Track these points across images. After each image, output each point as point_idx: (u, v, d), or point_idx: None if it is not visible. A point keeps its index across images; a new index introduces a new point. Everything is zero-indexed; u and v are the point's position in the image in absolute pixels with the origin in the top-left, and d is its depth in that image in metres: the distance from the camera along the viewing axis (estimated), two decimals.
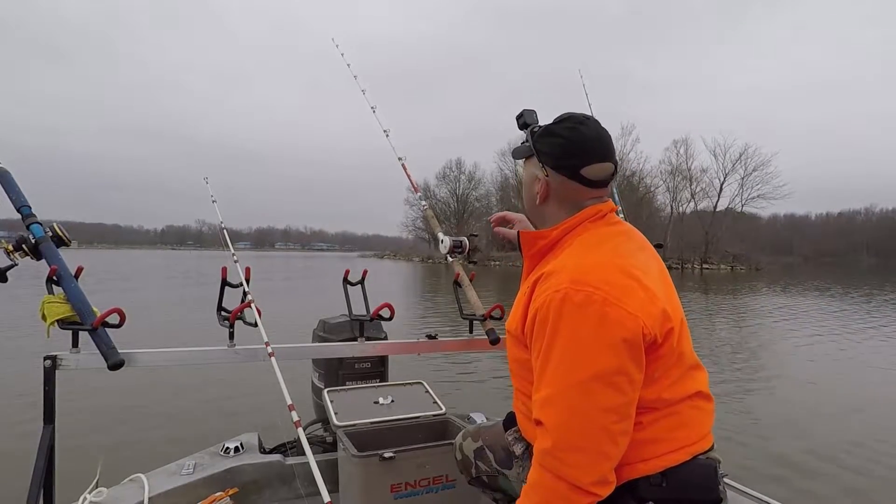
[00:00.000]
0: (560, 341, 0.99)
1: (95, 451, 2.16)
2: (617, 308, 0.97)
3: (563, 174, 1.14)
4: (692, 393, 1.11)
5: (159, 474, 1.97)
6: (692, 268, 50.02)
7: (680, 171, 56.85)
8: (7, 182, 1.60)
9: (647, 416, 1.05)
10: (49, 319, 1.46)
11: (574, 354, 0.97)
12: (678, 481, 1.05)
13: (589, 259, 1.07)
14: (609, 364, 0.95)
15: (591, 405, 0.95)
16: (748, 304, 17.05)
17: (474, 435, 1.49)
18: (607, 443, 0.96)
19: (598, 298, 0.97)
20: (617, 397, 0.96)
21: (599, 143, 1.14)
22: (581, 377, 0.96)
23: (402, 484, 1.76)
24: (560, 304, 0.99)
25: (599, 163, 1.13)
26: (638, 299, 1.00)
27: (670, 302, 1.09)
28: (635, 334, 0.97)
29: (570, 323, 0.98)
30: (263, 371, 1.71)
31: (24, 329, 8.97)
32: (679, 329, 1.07)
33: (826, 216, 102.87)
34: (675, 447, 1.06)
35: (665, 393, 1.06)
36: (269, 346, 1.73)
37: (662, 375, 1.05)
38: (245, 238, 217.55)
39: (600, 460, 0.96)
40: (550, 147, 1.16)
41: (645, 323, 0.98)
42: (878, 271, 46.38)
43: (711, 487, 1.07)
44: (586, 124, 1.15)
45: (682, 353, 1.08)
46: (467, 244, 2.04)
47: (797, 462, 4.16)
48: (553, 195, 1.18)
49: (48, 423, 1.46)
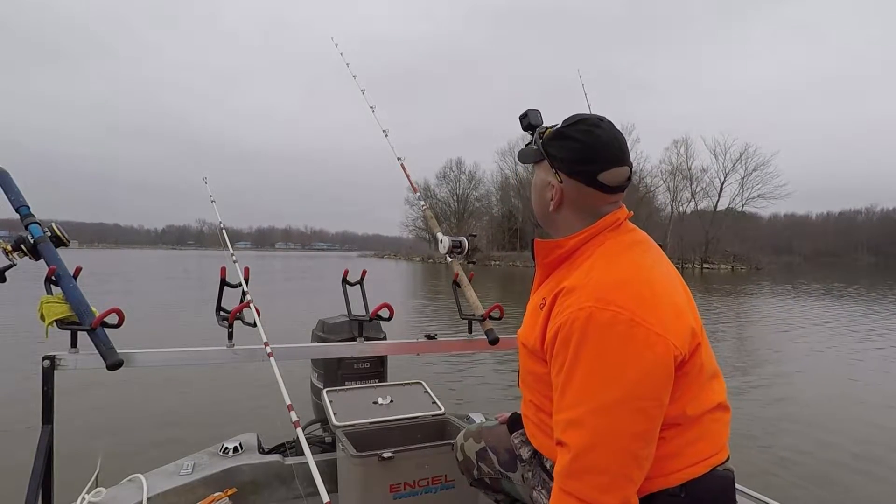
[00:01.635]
0: (584, 362, 0.95)
1: (94, 451, 2.15)
2: (644, 329, 0.93)
3: (578, 180, 1.08)
4: (713, 406, 1.08)
5: (158, 474, 1.97)
6: (692, 267, 50.03)
7: (680, 170, 57.03)
8: (6, 182, 1.60)
9: (670, 431, 1.02)
10: (48, 319, 1.46)
11: (600, 377, 0.93)
12: (697, 494, 1.03)
13: (612, 275, 1.02)
14: (637, 388, 0.92)
15: (616, 430, 0.92)
16: (755, 304, 17.06)
17: (476, 436, 1.48)
18: (633, 467, 0.94)
19: (625, 318, 0.93)
20: (644, 422, 0.93)
21: (616, 146, 1.07)
22: (607, 401, 0.92)
23: (402, 484, 1.75)
24: (585, 322, 0.95)
25: (617, 167, 1.07)
26: (665, 317, 0.96)
27: (694, 315, 1.06)
28: (665, 356, 0.93)
29: (596, 344, 0.94)
30: (262, 371, 1.71)
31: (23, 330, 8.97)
32: (703, 341, 1.05)
33: (827, 216, 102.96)
34: (695, 461, 1.04)
35: (688, 408, 1.03)
36: (267, 347, 1.73)
37: (686, 391, 1.02)
38: (245, 238, 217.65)
39: (625, 484, 0.93)
40: (564, 152, 1.09)
41: (674, 343, 0.95)
42: (878, 271, 46.37)
43: (730, 498, 1.06)
44: (601, 127, 1.08)
45: (702, 364, 1.05)
46: (466, 244, 2.04)
47: (799, 463, 4.16)
48: (567, 202, 1.12)
49: (46, 424, 1.46)
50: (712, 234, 53.83)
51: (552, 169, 1.11)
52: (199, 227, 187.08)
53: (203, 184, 2.48)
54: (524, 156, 1.20)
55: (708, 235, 53.73)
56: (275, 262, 55.07)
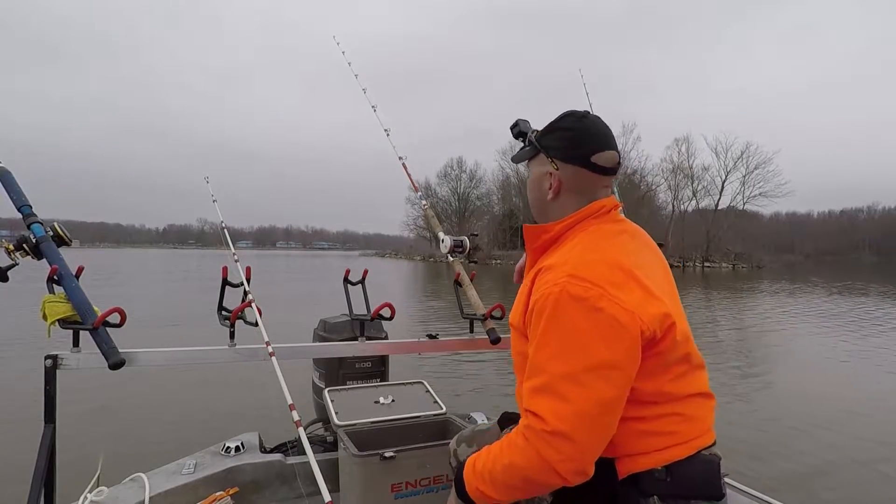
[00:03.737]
0: (555, 333, 1.00)
1: (96, 450, 2.16)
2: (614, 304, 0.98)
3: (574, 164, 1.16)
4: (696, 391, 1.12)
5: (160, 473, 1.97)
6: (694, 266, 49.96)
7: (681, 168, 56.87)
8: (8, 182, 1.60)
9: (650, 409, 1.06)
10: (50, 319, 1.46)
11: (568, 346, 0.98)
12: (682, 476, 1.05)
13: (590, 255, 1.07)
14: (603, 357, 0.96)
15: (582, 397, 0.96)
16: (761, 303, 17.02)
17: (469, 440, 1.47)
18: (595, 435, 0.98)
19: (596, 294, 0.98)
20: (609, 391, 0.97)
21: (603, 133, 1.17)
22: (574, 369, 0.97)
23: (403, 483, 1.76)
24: (558, 296, 1.00)
25: (607, 150, 1.15)
26: (636, 297, 1.01)
27: (673, 301, 1.09)
28: (632, 329, 0.97)
29: (566, 316, 0.99)
30: (264, 371, 1.71)
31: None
32: (681, 327, 1.07)
33: (828, 214, 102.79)
34: (678, 441, 1.07)
35: (667, 387, 1.07)
36: (269, 346, 1.73)
37: (664, 370, 1.06)
38: (246, 237, 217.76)
39: (584, 451, 0.97)
40: (558, 141, 1.17)
41: (642, 319, 0.99)
42: (879, 269, 46.21)
43: (715, 484, 1.08)
44: (588, 117, 1.18)
45: (689, 353, 1.09)
46: (468, 244, 2.04)
47: (800, 463, 4.15)
48: (565, 188, 1.18)
49: (49, 423, 1.46)
50: (714, 233, 53.75)
51: (548, 159, 1.18)
52: (200, 227, 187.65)
53: (204, 183, 2.49)
54: (518, 157, 1.28)
55: (709, 234, 53.65)
56: (277, 262, 55.08)
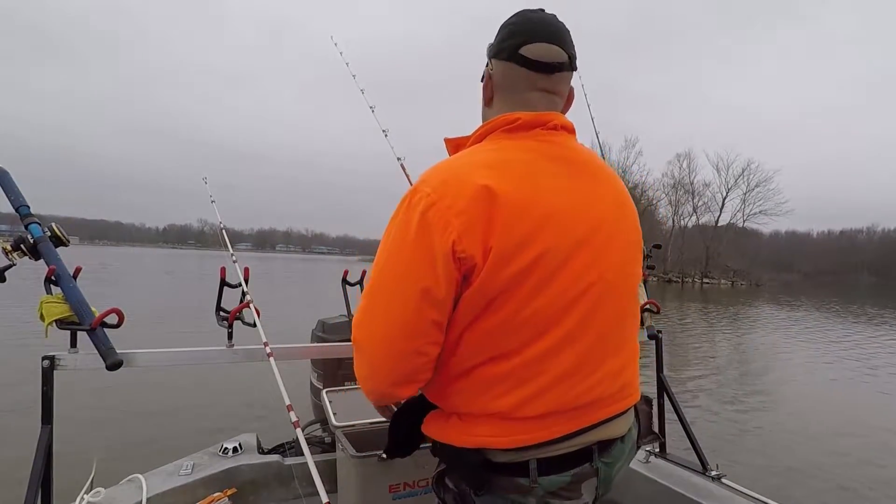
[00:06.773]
0: (385, 241, 0.92)
1: (93, 451, 2.16)
2: (438, 214, 0.85)
3: (502, 59, 1.00)
4: (565, 369, 0.90)
5: (157, 474, 1.97)
6: (692, 282, 50.03)
7: (682, 184, 56.96)
8: (6, 182, 1.60)
9: (498, 365, 0.90)
10: (47, 319, 1.46)
11: (389, 255, 0.90)
12: (548, 469, 0.92)
13: (457, 160, 0.94)
14: (410, 271, 0.87)
15: (378, 312, 0.90)
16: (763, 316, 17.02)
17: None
18: (392, 358, 0.90)
19: (429, 201, 0.86)
20: (402, 310, 0.87)
21: (546, 24, 0.99)
22: (380, 281, 0.90)
23: (401, 484, 1.75)
24: (399, 204, 0.92)
25: (543, 42, 0.97)
26: (471, 209, 0.84)
27: (571, 239, 0.90)
28: (442, 246, 0.84)
29: (394, 223, 0.91)
30: (262, 371, 1.71)
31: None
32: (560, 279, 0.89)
33: (828, 234, 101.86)
34: (533, 413, 0.90)
35: (509, 341, 0.89)
36: (267, 347, 1.72)
37: (502, 306, 0.87)
38: (246, 239, 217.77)
39: (383, 376, 0.92)
40: (496, 38, 1.03)
41: (458, 238, 0.84)
42: (878, 291, 46.11)
43: (575, 488, 0.93)
44: (536, 12, 1.01)
45: (541, 295, 0.87)
46: None
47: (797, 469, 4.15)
48: (496, 90, 1.03)
49: (46, 424, 1.46)
50: (713, 249, 53.85)
51: (488, 59, 1.05)
52: (200, 227, 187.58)
53: (203, 184, 2.49)
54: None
55: (709, 250, 53.75)
56: (275, 265, 55.07)
